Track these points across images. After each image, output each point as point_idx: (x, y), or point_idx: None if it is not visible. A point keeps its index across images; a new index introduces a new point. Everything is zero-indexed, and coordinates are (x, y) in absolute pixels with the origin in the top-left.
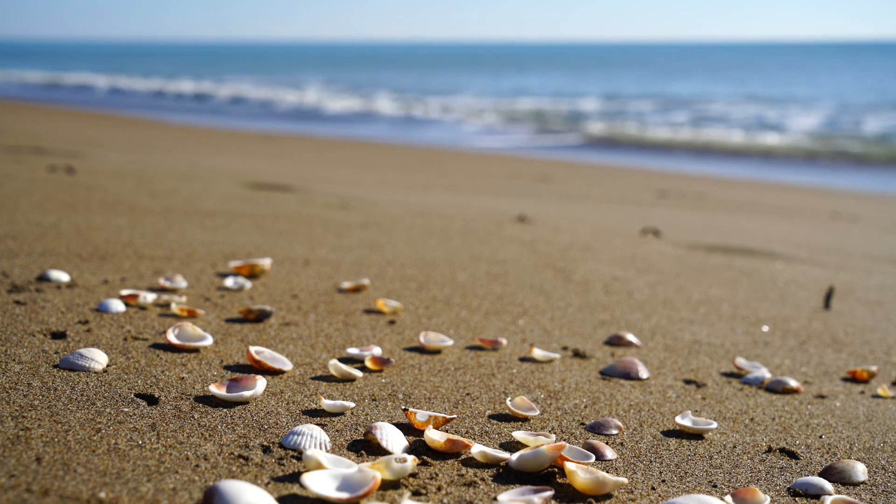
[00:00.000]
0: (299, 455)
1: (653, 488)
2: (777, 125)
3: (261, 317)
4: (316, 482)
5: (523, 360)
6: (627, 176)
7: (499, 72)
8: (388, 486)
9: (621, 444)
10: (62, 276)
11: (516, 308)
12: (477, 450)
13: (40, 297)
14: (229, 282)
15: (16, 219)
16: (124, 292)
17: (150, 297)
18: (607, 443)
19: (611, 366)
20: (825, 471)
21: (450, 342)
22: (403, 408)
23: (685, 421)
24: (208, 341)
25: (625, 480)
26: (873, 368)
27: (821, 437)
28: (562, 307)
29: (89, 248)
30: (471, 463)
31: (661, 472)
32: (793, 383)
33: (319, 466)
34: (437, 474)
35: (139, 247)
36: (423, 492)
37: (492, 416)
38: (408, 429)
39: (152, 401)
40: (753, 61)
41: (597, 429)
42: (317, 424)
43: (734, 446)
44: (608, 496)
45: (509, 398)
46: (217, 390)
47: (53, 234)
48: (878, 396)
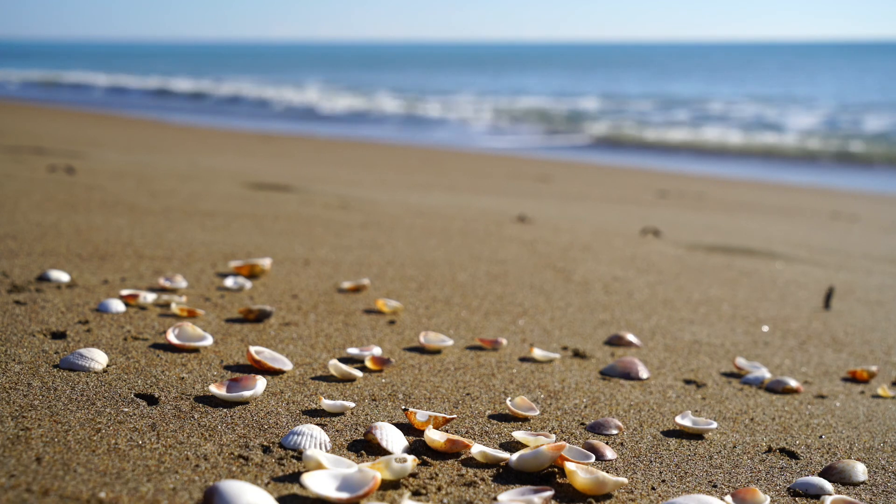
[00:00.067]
0: (299, 455)
1: (653, 488)
2: (777, 125)
3: (261, 317)
4: (316, 482)
5: (523, 360)
6: (627, 176)
7: (499, 72)
8: (388, 486)
9: (621, 444)
10: (62, 276)
11: (516, 308)
12: (477, 450)
13: (40, 297)
14: (229, 282)
15: (16, 219)
16: (124, 292)
17: (150, 297)
18: (607, 443)
19: (611, 366)
20: (825, 471)
21: (450, 342)
22: (403, 408)
23: (685, 421)
24: (208, 341)
25: (625, 480)
26: (873, 368)
27: (821, 437)
28: (562, 307)
29: (89, 248)
30: (471, 463)
31: (661, 472)
32: (793, 383)
33: (319, 466)
34: (437, 474)
35: (139, 247)
36: (423, 492)
37: (492, 416)
38: (408, 429)
39: (152, 401)
40: (753, 61)
41: (597, 429)
42: (317, 424)
43: (734, 446)
44: (608, 496)
45: (509, 398)
46: (217, 390)
47: (53, 234)
48: (878, 396)
